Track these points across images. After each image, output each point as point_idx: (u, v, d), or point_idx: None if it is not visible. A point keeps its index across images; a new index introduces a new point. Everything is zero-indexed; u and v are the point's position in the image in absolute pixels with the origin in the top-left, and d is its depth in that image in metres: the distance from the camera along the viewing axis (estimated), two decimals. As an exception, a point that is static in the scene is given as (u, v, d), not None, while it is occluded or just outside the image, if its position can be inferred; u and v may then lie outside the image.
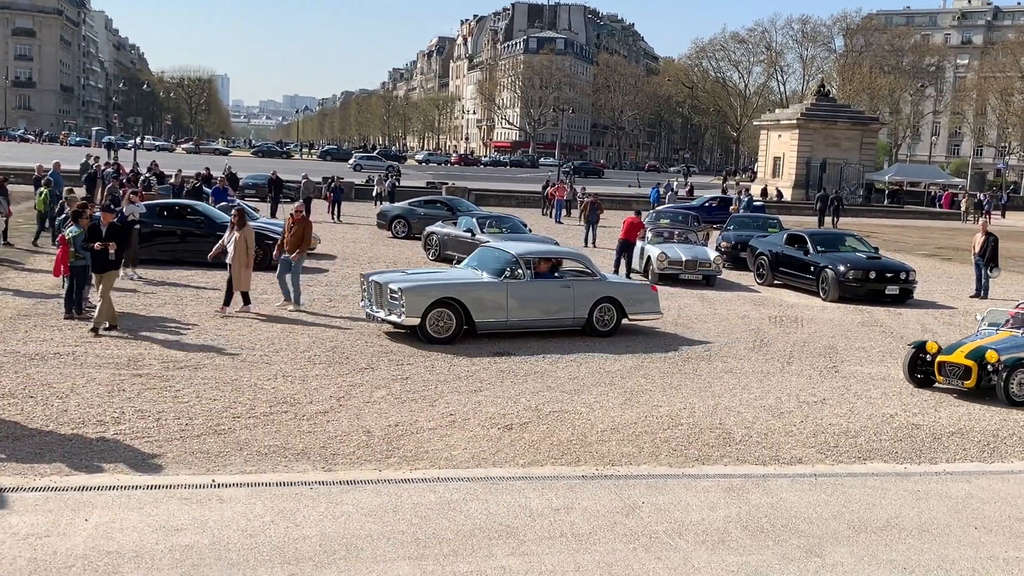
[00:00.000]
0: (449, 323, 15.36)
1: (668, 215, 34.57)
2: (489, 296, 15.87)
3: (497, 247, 17.74)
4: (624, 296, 17.11)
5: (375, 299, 15.80)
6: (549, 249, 19.41)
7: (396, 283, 15.35)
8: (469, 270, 16.93)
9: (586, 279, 17.04)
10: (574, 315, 16.57)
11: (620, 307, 16.93)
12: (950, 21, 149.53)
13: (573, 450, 10.36)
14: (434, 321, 15.23)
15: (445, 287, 15.73)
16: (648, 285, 18.25)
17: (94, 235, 15.05)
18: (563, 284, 16.70)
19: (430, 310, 15.18)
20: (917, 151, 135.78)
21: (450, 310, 15.36)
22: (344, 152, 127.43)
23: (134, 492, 8.41)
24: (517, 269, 16.23)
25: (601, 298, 16.77)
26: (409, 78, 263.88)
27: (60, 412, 10.66)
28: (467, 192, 50.62)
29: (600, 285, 17.03)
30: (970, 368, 13.46)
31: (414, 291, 15.21)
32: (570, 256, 18.04)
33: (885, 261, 24.03)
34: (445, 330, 15.33)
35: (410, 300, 15.04)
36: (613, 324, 16.87)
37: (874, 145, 75.99)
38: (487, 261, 16.89)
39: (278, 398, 11.75)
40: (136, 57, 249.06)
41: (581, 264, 17.48)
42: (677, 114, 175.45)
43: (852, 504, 9.08)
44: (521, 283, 16.12)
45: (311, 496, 8.55)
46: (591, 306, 16.62)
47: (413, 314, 15.03)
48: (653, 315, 17.55)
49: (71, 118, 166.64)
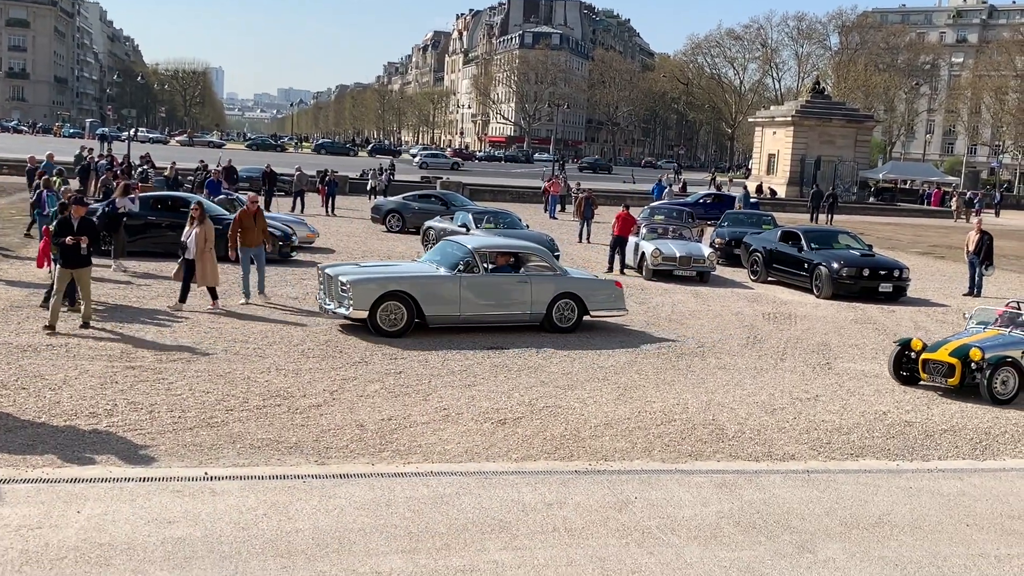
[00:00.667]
0: (400, 316, 15.24)
1: (663, 211, 34.58)
2: (441, 289, 15.72)
3: (456, 240, 17.47)
4: (585, 292, 16.82)
5: (328, 292, 15.76)
6: (508, 243, 19.14)
7: (346, 275, 15.32)
8: (426, 263, 16.85)
9: (545, 274, 16.78)
10: (531, 310, 16.35)
11: (581, 303, 16.68)
12: (945, 19, 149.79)
13: (566, 445, 10.36)
14: (385, 314, 15.12)
15: (394, 280, 15.60)
16: (613, 281, 17.91)
17: (65, 229, 14.46)
18: (520, 279, 16.44)
19: (379, 303, 15.08)
20: (911, 149, 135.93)
21: (401, 303, 15.25)
22: (339, 146, 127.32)
23: (126, 484, 8.40)
24: (472, 262, 16.04)
25: (561, 293, 16.53)
26: (404, 72, 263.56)
27: (53, 404, 10.64)
28: (462, 187, 50.61)
29: (560, 280, 16.76)
30: (954, 366, 13.47)
31: (362, 283, 15.12)
32: (530, 250, 17.60)
33: (879, 259, 24.07)
34: (396, 323, 15.21)
35: (358, 292, 14.97)
36: (574, 321, 16.60)
37: (869, 143, 76.06)
38: (445, 254, 16.72)
39: (271, 391, 11.73)
40: (130, 49, 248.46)
41: (541, 259, 17.17)
42: (672, 110, 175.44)
43: (844, 500, 9.10)
44: (475, 276, 15.95)
45: (304, 489, 8.54)
46: (550, 301, 16.40)
47: (361, 307, 14.96)
48: (617, 312, 17.27)
49: (65, 110, 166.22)
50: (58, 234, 14.46)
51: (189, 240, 16.58)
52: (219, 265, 17.12)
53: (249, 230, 17.84)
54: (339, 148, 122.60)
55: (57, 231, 14.51)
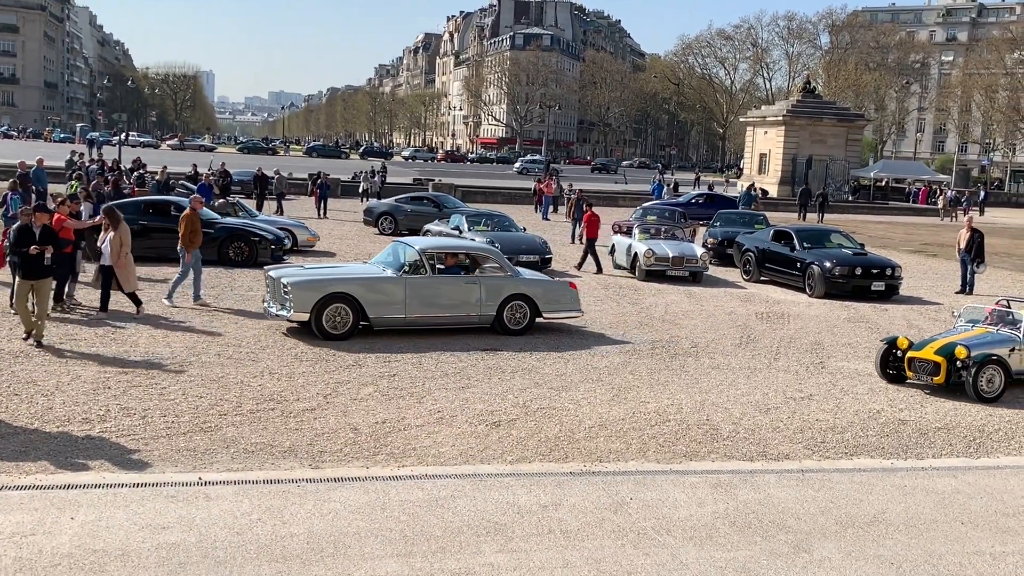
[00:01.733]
0: (346, 318, 15.02)
1: (655, 212, 34.59)
2: (385, 291, 15.46)
3: (405, 242, 17.09)
4: (537, 293, 16.56)
5: (272, 294, 15.55)
6: (456, 244, 18.97)
7: (287, 277, 15.14)
8: (374, 265, 16.62)
9: (496, 275, 16.51)
10: (481, 312, 16.09)
11: (534, 305, 16.42)
12: (935, 18, 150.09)
13: (561, 447, 10.36)
14: (330, 317, 14.90)
15: (335, 282, 15.35)
16: (567, 283, 17.66)
17: (25, 237, 13.56)
18: (469, 280, 16.20)
19: (323, 305, 14.84)
20: (902, 147, 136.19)
21: (346, 305, 15.03)
22: (331, 148, 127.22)
23: (120, 490, 8.37)
24: (419, 263, 15.81)
25: (512, 295, 16.27)
26: (395, 74, 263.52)
27: (45, 410, 10.60)
28: (454, 189, 50.57)
29: (511, 282, 16.48)
30: (939, 364, 13.47)
31: (303, 286, 14.92)
32: (481, 251, 17.35)
33: (871, 257, 24.11)
34: (342, 326, 14.99)
35: (298, 295, 14.77)
36: (526, 323, 16.34)
37: (860, 142, 76.26)
38: (391, 255, 16.51)
39: (265, 395, 11.71)
40: (120, 53, 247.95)
41: (493, 259, 16.90)
42: (663, 111, 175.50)
43: (839, 500, 9.11)
44: (421, 278, 15.71)
45: (298, 493, 8.52)
46: (500, 303, 16.14)
47: (302, 309, 14.75)
48: (572, 313, 17.02)
49: (55, 114, 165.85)
50: (17, 243, 13.59)
51: (104, 246, 16.04)
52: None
53: (198, 232, 17.80)
54: (330, 151, 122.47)
55: (16, 239, 13.64)
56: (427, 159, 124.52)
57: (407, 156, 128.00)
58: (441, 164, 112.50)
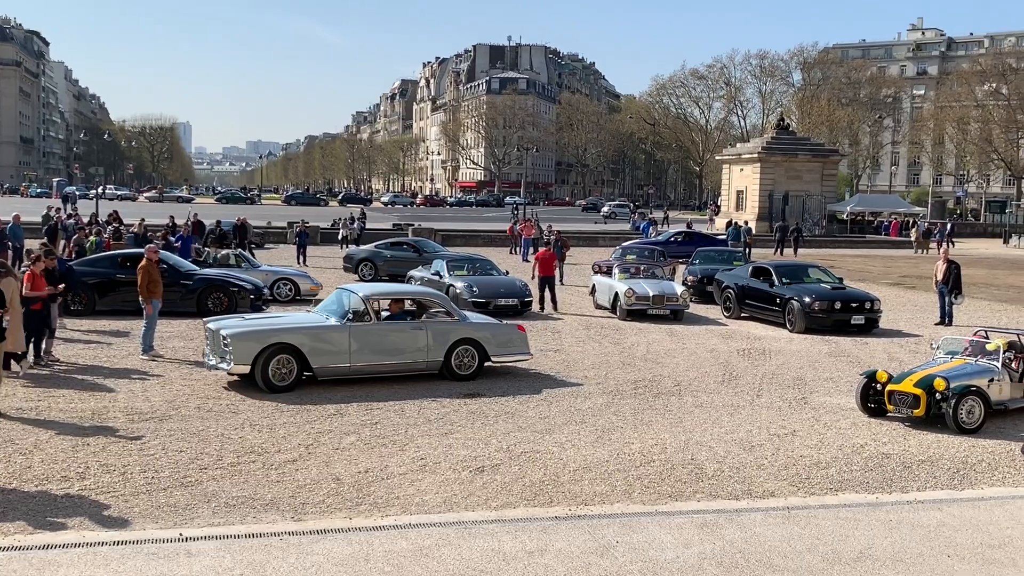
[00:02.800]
0: (290, 369, 14.64)
1: (635, 251, 34.73)
2: (328, 340, 15.07)
3: (347, 288, 16.73)
4: (485, 338, 16.24)
5: (212, 347, 15.14)
6: (401, 289, 18.66)
7: (227, 329, 14.78)
8: (317, 313, 16.24)
9: (442, 320, 16.22)
10: (428, 358, 15.71)
11: (482, 349, 16.10)
12: (905, 53, 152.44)
13: (546, 491, 10.29)
14: (275, 368, 14.50)
15: (276, 332, 14.95)
16: (515, 325, 17.34)
17: None
18: (415, 326, 15.88)
19: (264, 357, 14.44)
20: (877, 181, 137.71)
21: (289, 355, 14.65)
22: (310, 196, 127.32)
23: (100, 549, 8.25)
24: (362, 311, 15.48)
25: (459, 339, 15.94)
26: (373, 121, 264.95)
27: (23, 468, 10.47)
28: (433, 233, 50.69)
29: (458, 326, 16.17)
30: (919, 396, 13.49)
31: (243, 337, 14.55)
32: (426, 296, 17.16)
33: (850, 291, 24.23)
34: (286, 377, 14.60)
35: (238, 347, 14.39)
36: (474, 368, 16.00)
37: (835, 176, 76.98)
38: (334, 303, 16.16)
39: (245, 447, 11.61)
40: (97, 107, 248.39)
41: (439, 304, 16.65)
42: (640, 150, 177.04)
43: (825, 536, 9.08)
44: (366, 326, 15.39)
45: (280, 547, 8.42)
46: (448, 348, 15.79)
47: (242, 361, 14.37)
48: (521, 357, 16.77)
49: (31, 169, 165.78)
50: None
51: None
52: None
53: (157, 282, 17.75)
54: (309, 199, 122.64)
55: None
56: (406, 204, 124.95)
57: (386, 202, 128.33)
58: (420, 209, 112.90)
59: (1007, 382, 14.00)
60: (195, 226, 39.70)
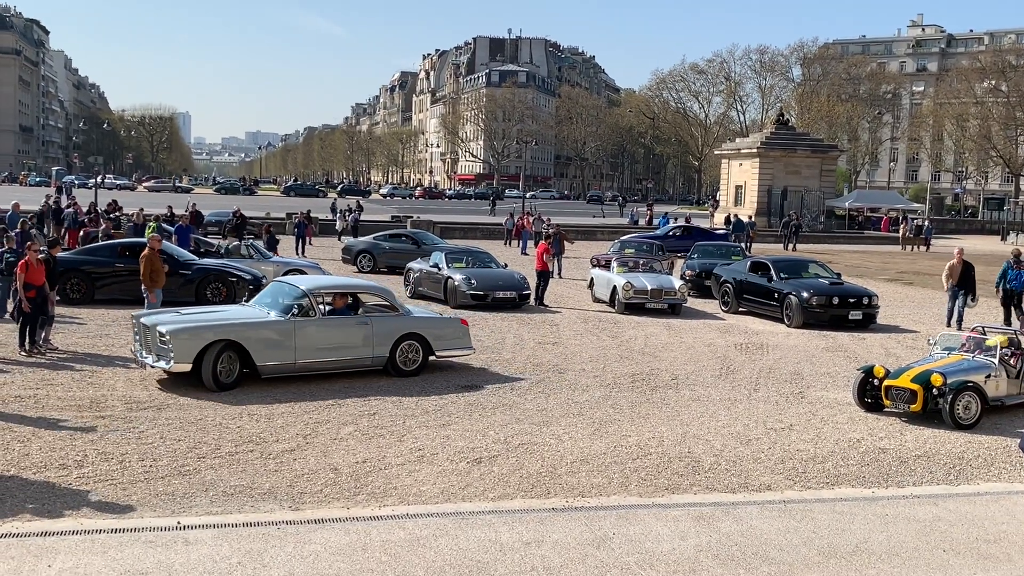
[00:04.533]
0: (232, 367, 14.06)
1: (633, 245, 34.73)
2: (272, 336, 14.47)
3: (287, 282, 16.16)
4: (430, 332, 15.86)
5: (144, 343, 14.39)
6: (344, 283, 18.15)
7: (165, 325, 13.97)
8: (256, 308, 15.48)
9: (387, 314, 15.79)
10: (373, 354, 15.27)
11: (426, 344, 15.72)
12: (905, 49, 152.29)
13: (543, 482, 10.32)
14: (220, 365, 13.88)
15: (219, 328, 14.24)
16: (458, 319, 17.01)
17: None
18: (360, 321, 15.38)
19: (206, 354, 13.79)
20: (876, 177, 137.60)
21: (232, 352, 14.04)
22: (308, 188, 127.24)
23: (98, 536, 8.28)
24: (306, 305, 14.88)
25: (404, 335, 15.52)
26: (372, 113, 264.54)
27: (22, 456, 10.49)
28: (432, 225, 50.69)
29: (403, 321, 15.77)
30: (916, 392, 13.53)
31: (183, 333, 13.82)
32: (369, 290, 16.66)
33: (848, 286, 24.26)
34: (228, 374, 14.01)
35: (179, 344, 13.65)
36: (419, 363, 15.63)
37: (834, 172, 76.90)
38: (276, 296, 15.49)
39: (244, 437, 11.63)
40: (96, 96, 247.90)
41: (382, 298, 16.15)
42: (639, 144, 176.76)
43: (821, 530, 9.11)
44: (311, 321, 14.79)
45: (278, 536, 8.45)
46: (393, 344, 15.37)
47: (183, 359, 13.65)
48: (464, 351, 16.40)
49: (31, 158, 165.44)
50: None
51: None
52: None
53: (160, 271, 17.94)
54: (308, 190, 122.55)
55: None
56: (405, 196, 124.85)
57: (385, 193, 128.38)
58: (419, 201, 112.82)
59: (1004, 378, 14.05)
60: (193, 216, 39.66)
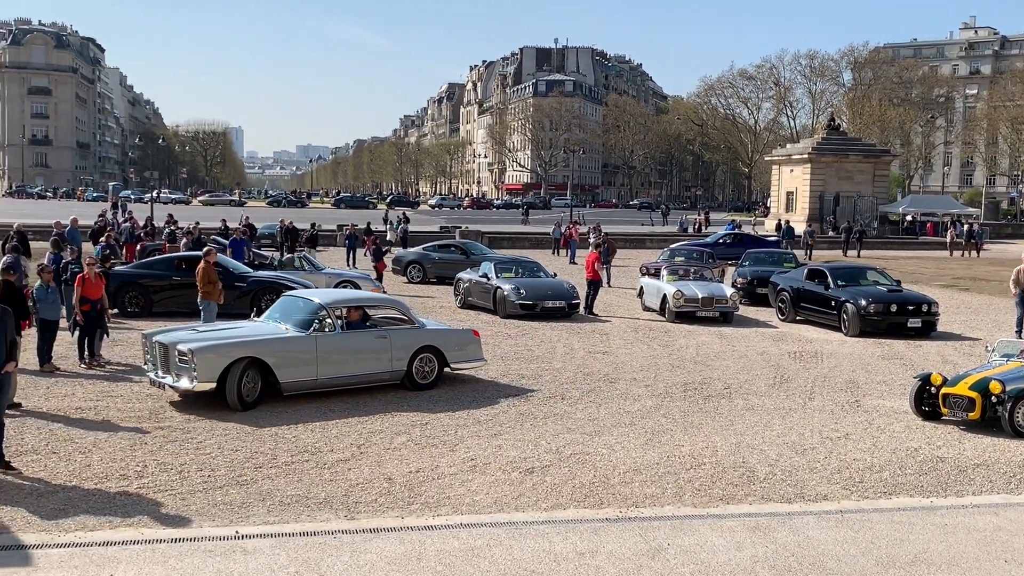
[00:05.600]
0: (255, 385, 13.67)
1: (683, 253, 34.55)
2: (295, 352, 14.12)
3: (301, 295, 15.89)
4: (446, 344, 15.62)
5: (160, 363, 13.87)
6: (360, 296, 17.92)
7: (186, 343, 13.51)
8: (271, 323, 15.04)
9: (403, 327, 15.53)
10: (392, 368, 15.00)
11: (442, 356, 15.46)
12: (957, 52, 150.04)
13: (596, 492, 10.31)
14: (243, 383, 13.46)
15: (244, 345, 13.82)
16: (470, 330, 16.85)
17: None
18: (378, 334, 15.09)
19: (230, 372, 13.36)
20: (930, 182, 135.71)
21: (255, 370, 13.66)
22: (359, 200, 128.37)
23: (158, 546, 8.41)
24: (326, 320, 14.54)
25: (421, 347, 15.26)
26: (420, 124, 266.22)
27: (83, 467, 10.69)
28: (480, 235, 50.83)
29: (420, 333, 15.51)
30: (974, 400, 13.30)
31: (207, 351, 13.35)
32: (384, 303, 16.59)
33: (906, 294, 23.70)
34: (251, 393, 13.61)
35: (203, 362, 13.17)
36: (434, 376, 15.37)
37: (887, 177, 76.00)
38: (291, 312, 15.07)
39: (299, 447, 11.76)
40: (151, 112, 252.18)
41: (397, 311, 15.95)
42: (688, 152, 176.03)
43: (879, 540, 9.00)
44: (332, 335, 14.46)
45: (335, 545, 8.52)
46: (410, 357, 15.10)
47: (208, 378, 13.19)
48: (476, 362, 16.16)
49: (87, 174, 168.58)
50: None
51: None
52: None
53: (215, 283, 18.24)
54: (358, 201, 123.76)
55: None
56: (453, 207, 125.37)
57: (433, 204, 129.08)
58: (467, 211, 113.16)
59: (1064, 386, 13.75)
60: (247, 229, 40.15)
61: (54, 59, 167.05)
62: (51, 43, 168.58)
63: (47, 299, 16.03)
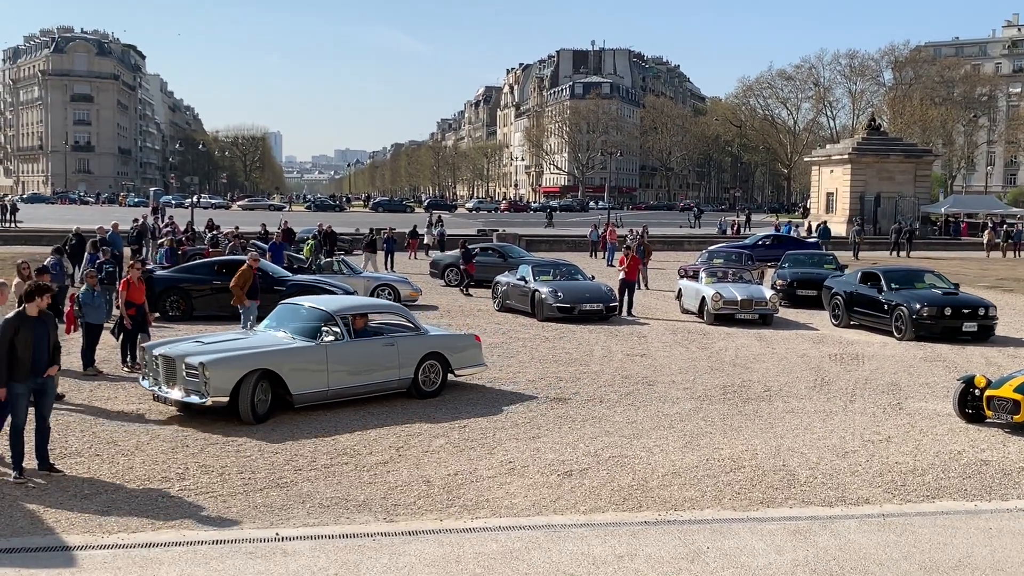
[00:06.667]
0: (267, 397, 13.26)
1: (722, 255, 34.35)
2: (307, 362, 13.69)
3: (305, 303, 15.22)
4: (450, 350, 15.27)
5: (164, 376, 13.32)
6: (364, 303, 17.46)
7: (196, 356, 13.02)
8: (274, 332, 14.48)
9: (409, 334, 15.12)
10: (399, 376, 14.59)
11: (446, 362, 15.12)
12: (1000, 50, 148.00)
13: (634, 495, 10.27)
14: (255, 397, 13.05)
15: (257, 356, 13.34)
16: (472, 335, 16.52)
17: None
18: (386, 342, 14.73)
19: (243, 385, 12.91)
20: (973, 182, 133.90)
21: (267, 382, 13.24)
22: (396, 203, 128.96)
23: (200, 548, 8.49)
24: (335, 328, 14.15)
25: (427, 354, 14.91)
26: (457, 128, 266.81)
27: (126, 469, 10.82)
28: (518, 238, 50.88)
29: (425, 340, 15.14)
30: (1019, 402, 13.08)
31: (220, 364, 12.86)
32: (388, 309, 16.31)
33: (962, 297, 22.81)
34: (264, 405, 13.20)
35: (217, 375, 12.72)
36: (439, 383, 15.03)
37: (928, 177, 75.10)
38: (295, 320, 14.58)
39: (338, 449, 11.82)
40: (191, 118, 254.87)
41: (401, 317, 15.59)
42: (726, 153, 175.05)
43: (922, 544, 8.89)
44: (341, 344, 14.04)
45: (374, 547, 8.56)
46: (417, 364, 14.74)
47: (220, 392, 12.71)
48: (478, 367, 15.85)
49: (129, 179, 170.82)
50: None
51: None
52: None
53: (244, 288, 19.02)
54: (395, 205, 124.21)
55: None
56: (491, 210, 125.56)
57: (471, 207, 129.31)
58: (505, 214, 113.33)
59: (1112, 388, 13.50)
60: (285, 233, 40.47)
61: (96, 66, 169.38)
62: (93, 50, 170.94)
63: (93, 303, 16.25)
